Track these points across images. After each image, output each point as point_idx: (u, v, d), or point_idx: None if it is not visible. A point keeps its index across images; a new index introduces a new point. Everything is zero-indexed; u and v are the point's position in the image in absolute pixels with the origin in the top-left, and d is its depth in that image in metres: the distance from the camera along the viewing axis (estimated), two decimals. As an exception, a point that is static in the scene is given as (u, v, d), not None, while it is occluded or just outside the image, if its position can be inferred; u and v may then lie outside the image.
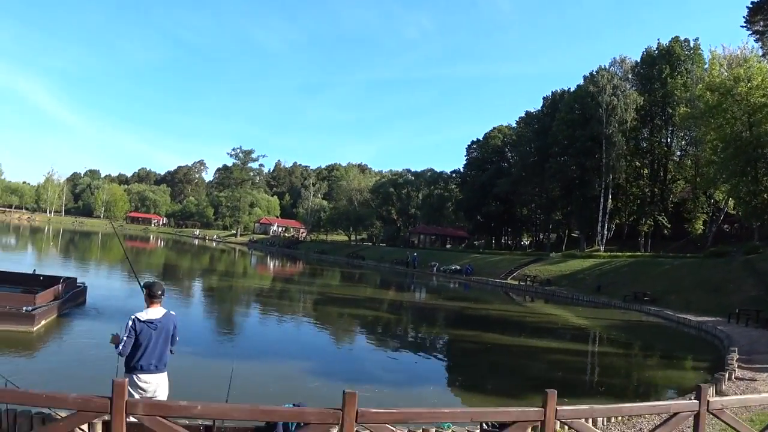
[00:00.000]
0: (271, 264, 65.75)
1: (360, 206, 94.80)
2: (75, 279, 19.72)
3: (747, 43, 40.06)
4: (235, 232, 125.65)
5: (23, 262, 32.57)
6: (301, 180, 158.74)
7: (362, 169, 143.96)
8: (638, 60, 58.81)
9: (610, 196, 55.10)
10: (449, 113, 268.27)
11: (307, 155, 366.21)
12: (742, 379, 12.94)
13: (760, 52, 39.36)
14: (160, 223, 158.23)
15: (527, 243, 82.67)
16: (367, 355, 16.56)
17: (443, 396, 11.84)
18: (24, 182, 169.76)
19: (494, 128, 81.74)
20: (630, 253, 47.24)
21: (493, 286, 47.98)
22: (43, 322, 14.61)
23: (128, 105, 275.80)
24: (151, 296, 5.88)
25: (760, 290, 29.05)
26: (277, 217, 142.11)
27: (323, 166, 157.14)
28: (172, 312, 6.03)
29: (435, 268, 58.76)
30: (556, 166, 58.36)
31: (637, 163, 57.60)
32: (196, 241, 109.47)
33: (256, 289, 35.20)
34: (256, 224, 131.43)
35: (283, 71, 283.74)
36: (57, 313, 16.12)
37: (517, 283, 47.11)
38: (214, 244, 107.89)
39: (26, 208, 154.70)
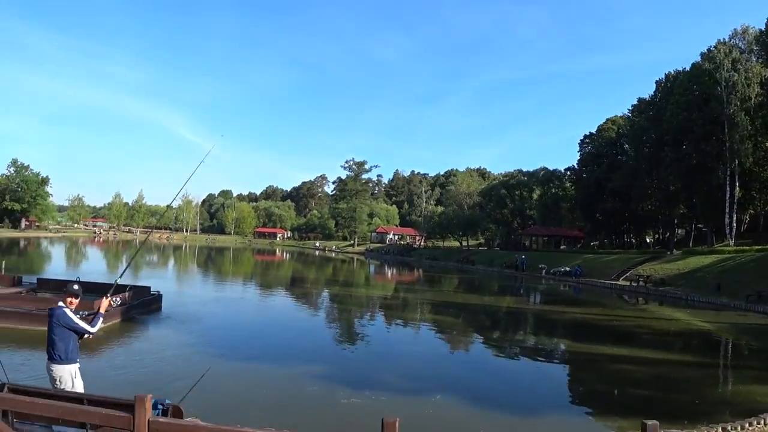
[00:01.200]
0: (375, 271, 65.78)
1: (470, 210, 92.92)
2: (148, 288, 21.66)
3: None
4: (352, 242, 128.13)
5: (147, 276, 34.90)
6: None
7: (482, 173, 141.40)
8: (762, 28, 52.45)
9: (737, 184, 49.47)
10: (572, 109, 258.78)
11: (428, 163, 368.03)
12: None
13: None
14: (285, 236, 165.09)
15: (652, 241, 76.75)
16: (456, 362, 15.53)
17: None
18: (163, 205, 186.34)
19: (607, 120, 76.89)
20: (759, 247, 41.94)
21: (602, 287, 44.87)
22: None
23: (257, 128, 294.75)
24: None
25: None
26: (396, 225, 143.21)
27: (441, 173, 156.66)
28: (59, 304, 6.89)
29: (544, 271, 56.14)
30: (673, 155, 53.43)
31: (767, 144, 51.07)
32: (317, 252, 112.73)
33: (360, 297, 34.65)
34: (372, 233, 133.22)
35: (401, 82, 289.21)
36: (120, 318, 17.59)
37: (628, 284, 43.64)
38: (333, 254, 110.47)
39: (167, 228, 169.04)
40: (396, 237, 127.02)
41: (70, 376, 6.73)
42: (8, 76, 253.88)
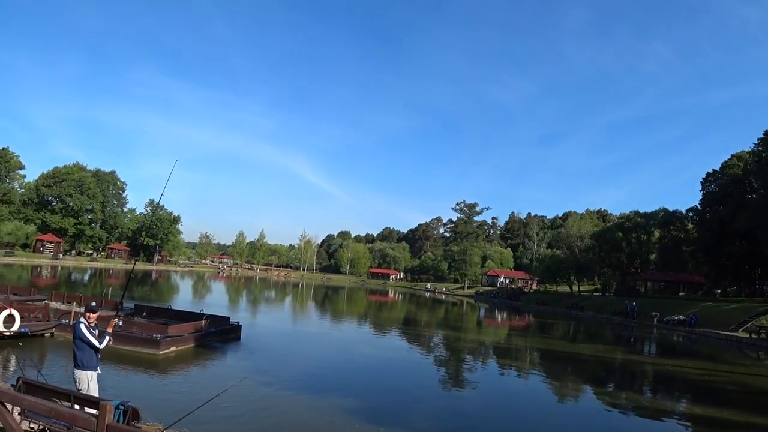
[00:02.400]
0: (483, 316, 63.87)
1: (582, 254, 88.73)
2: (228, 318, 23.91)
3: None
4: (462, 284, 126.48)
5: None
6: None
7: (602, 215, 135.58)
8: None
9: None
10: (699, 146, 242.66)
11: (546, 205, 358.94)
12: None
13: None
14: (398, 277, 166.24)
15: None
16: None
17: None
18: (284, 243, 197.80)
19: (732, 155, 71.27)
20: None
21: (717, 338, 40.84)
22: (172, 348, 17.99)
23: (376, 171, 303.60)
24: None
25: None
26: (510, 268, 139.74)
27: (559, 215, 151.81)
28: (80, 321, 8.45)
29: (655, 319, 52.27)
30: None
31: None
32: (428, 294, 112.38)
33: (463, 342, 34.00)
34: (483, 276, 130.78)
35: (521, 124, 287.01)
36: (194, 343, 19.50)
37: (747, 335, 39.36)
38: (443, 296, 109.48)
39: (290, 266, 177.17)
40: (507, 280, 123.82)
41: (87, 380, 8.20)
42: (155, 125, 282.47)
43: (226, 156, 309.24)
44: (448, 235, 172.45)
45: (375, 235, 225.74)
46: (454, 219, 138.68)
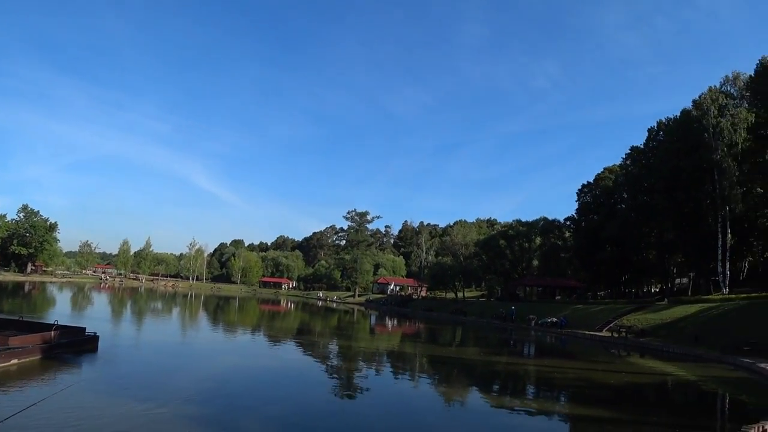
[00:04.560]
0: (374, 323, 63.19)
1: (467, 261, 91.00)
2: (83, 328, 21.93)
3: None
4: (353, 293, 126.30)
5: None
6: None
7: (491, 223, 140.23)
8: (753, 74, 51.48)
9: (728, 231, 47.56)
10: (584, 159, 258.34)
11: (440, 214, 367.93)
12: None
13: None
14: (291, 286, 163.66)
15: (656, 291, 74.20)
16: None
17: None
18: (171, 253, 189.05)
19: (605, 168, 75.81)
20: (744, 295, 39.83)
21: (584, 338, 42.90)
22: (13, 361, 16.46)
23: (273, 179, 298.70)
24: None
25: None
26: (403, 276, 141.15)
27: (451, 224, 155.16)
28: None
29: (533, 322, 54.07)
30: (664, 203, 51.91)
31: (759, 189, 49.22)
32: (320, 303, 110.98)
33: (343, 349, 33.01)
34: (374, 284, 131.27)
35: (418, 135, 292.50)
36: (41, 355, 17.95)
37: (610, 335, 41.57)
38: (334, 305, 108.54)
39: (180, 276, 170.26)
40: (397, 288, 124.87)
41: None
42: (33, 123, 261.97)
43: (113, 159, 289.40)
44: (344, 243, 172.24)
45: (269, 244, 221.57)
46: (345, 228, 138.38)
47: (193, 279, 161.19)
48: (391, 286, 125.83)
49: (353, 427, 12.80)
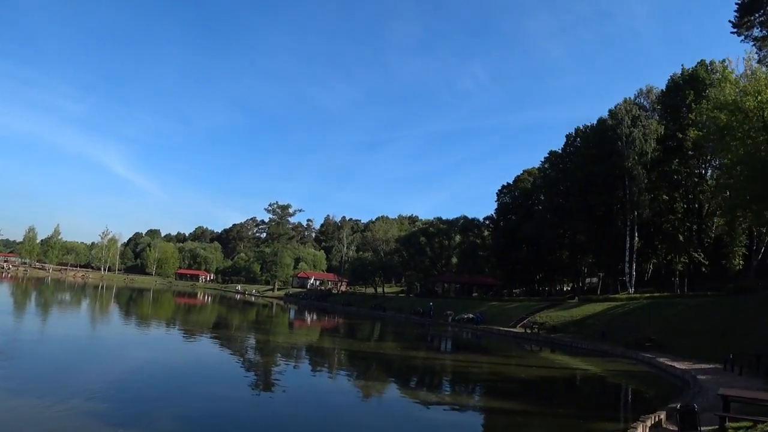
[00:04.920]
0: (293, 318, 62.51)
1: (387, 256, 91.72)
2: None
3: (751, 53, 34.99)
4: (272, 286, 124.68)
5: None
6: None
7: (413, 220, 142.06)
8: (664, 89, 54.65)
9: (636, 235, 50.24)
10: (506, 161, 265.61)
11: (363, 209, 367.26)
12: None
13: (756, 58, 34.42)
14: (208, 278, 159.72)
15: (569, 290, 77.31)
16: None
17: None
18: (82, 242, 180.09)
19: (524, 171, 78.06)
20: (648, 294, 42.25)
21: (498, 334, 44.06)
22: None
23: (194, 168, 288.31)
24: None
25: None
26: (323, 270, 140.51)
27: (373, 219, 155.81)
28: None
29: (450, 318, 55.07)
30: (578, 206, 54.10)
31: (665, 196, 52.33)
32: (238, 296, 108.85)
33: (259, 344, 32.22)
34: (294, 278, 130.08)
35: (344, 129, 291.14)
36: None
37: (523, 330, 42.95)
38: (253, 298, 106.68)
39: (91, 266, 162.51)
40: (317, 282, 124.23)
41: None
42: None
43: (19, 139, 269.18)
44: (264, 236, 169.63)
45: (187, 235, 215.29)
46: (266, 220, 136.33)
47: (105, 270, 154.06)
48: (312, 281, 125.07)
49: (268, 423, 12.45)
